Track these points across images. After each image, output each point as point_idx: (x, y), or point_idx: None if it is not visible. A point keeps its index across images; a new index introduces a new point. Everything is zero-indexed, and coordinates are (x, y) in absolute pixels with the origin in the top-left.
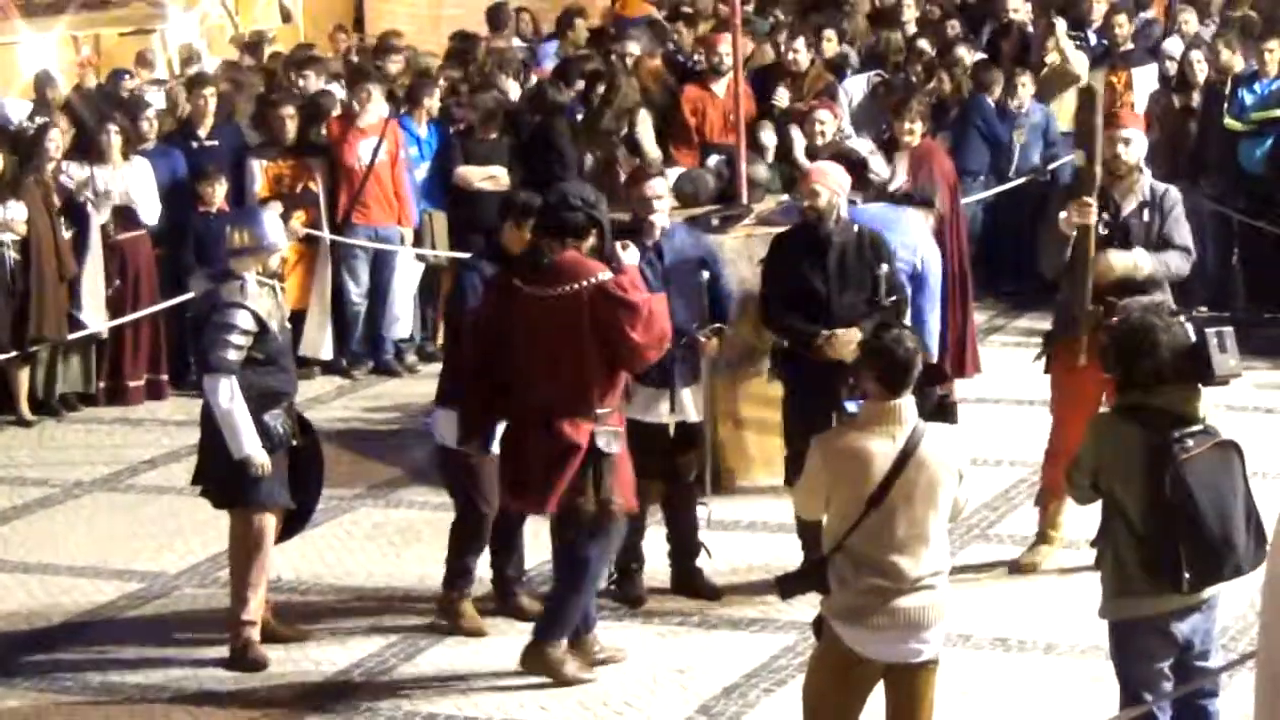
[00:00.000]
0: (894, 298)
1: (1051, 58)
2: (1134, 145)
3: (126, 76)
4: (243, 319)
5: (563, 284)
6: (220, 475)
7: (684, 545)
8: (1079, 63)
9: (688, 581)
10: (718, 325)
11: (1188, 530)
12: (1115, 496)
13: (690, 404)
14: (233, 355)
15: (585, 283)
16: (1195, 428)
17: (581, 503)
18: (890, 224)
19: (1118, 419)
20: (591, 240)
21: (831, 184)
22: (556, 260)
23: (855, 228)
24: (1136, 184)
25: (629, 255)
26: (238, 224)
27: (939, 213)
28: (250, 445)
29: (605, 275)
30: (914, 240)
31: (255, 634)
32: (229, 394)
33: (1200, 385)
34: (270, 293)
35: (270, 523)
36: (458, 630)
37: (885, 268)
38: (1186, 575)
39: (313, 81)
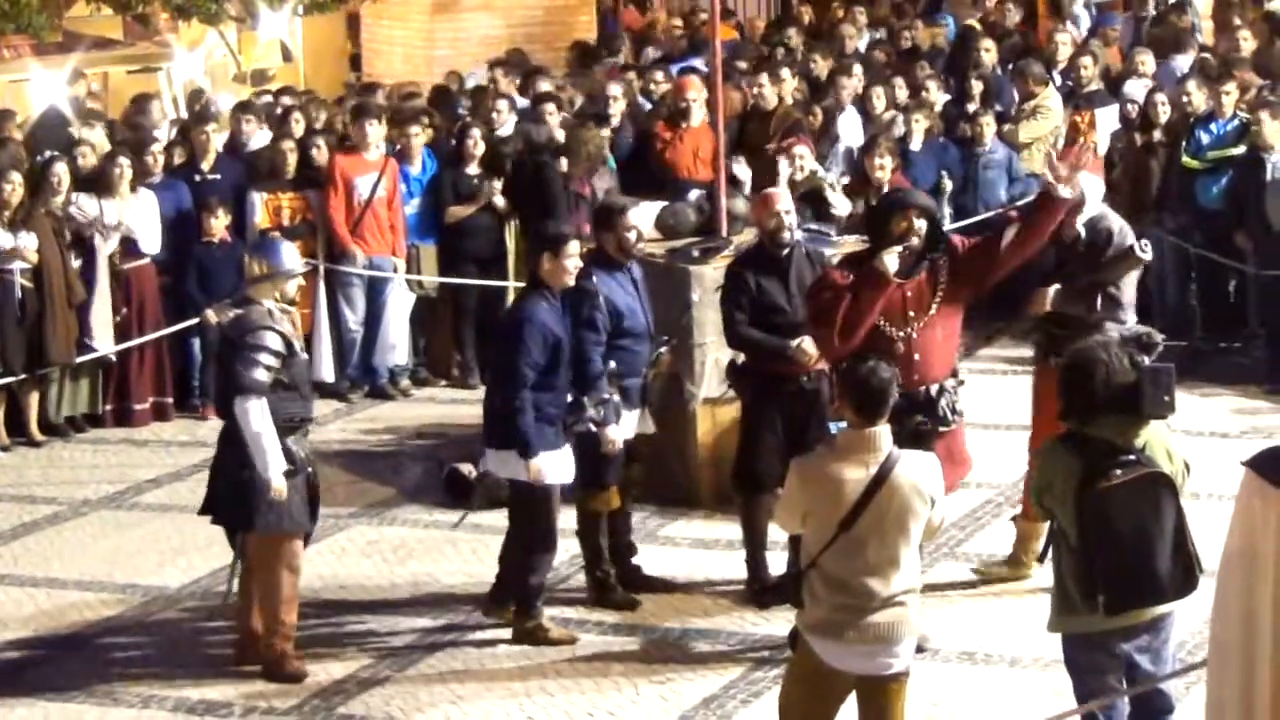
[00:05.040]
0: None
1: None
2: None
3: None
4: (272, 340)
5: None
6: (241, 500)
7: (626, 545)
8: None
9: (633, 578)
10: (665, 338)
11: (1106, 557)
12: (1056, 519)
13: (650, 419)
14: (263, 376)
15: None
16: (1128, 458)
17: None
18: None
19: (1058, 446)
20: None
21: (790, 206)
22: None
23: (802, 248)
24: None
25: (888, 260)
26: (256, 254)
27: None
28: (275, 468)
29: (829, 269)
30: None
31: (290, 647)
32: (260, 415)
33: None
34: (289, 320)
35: (297, 545)
36: (549, 643)
37: None
38: (1101, 599)
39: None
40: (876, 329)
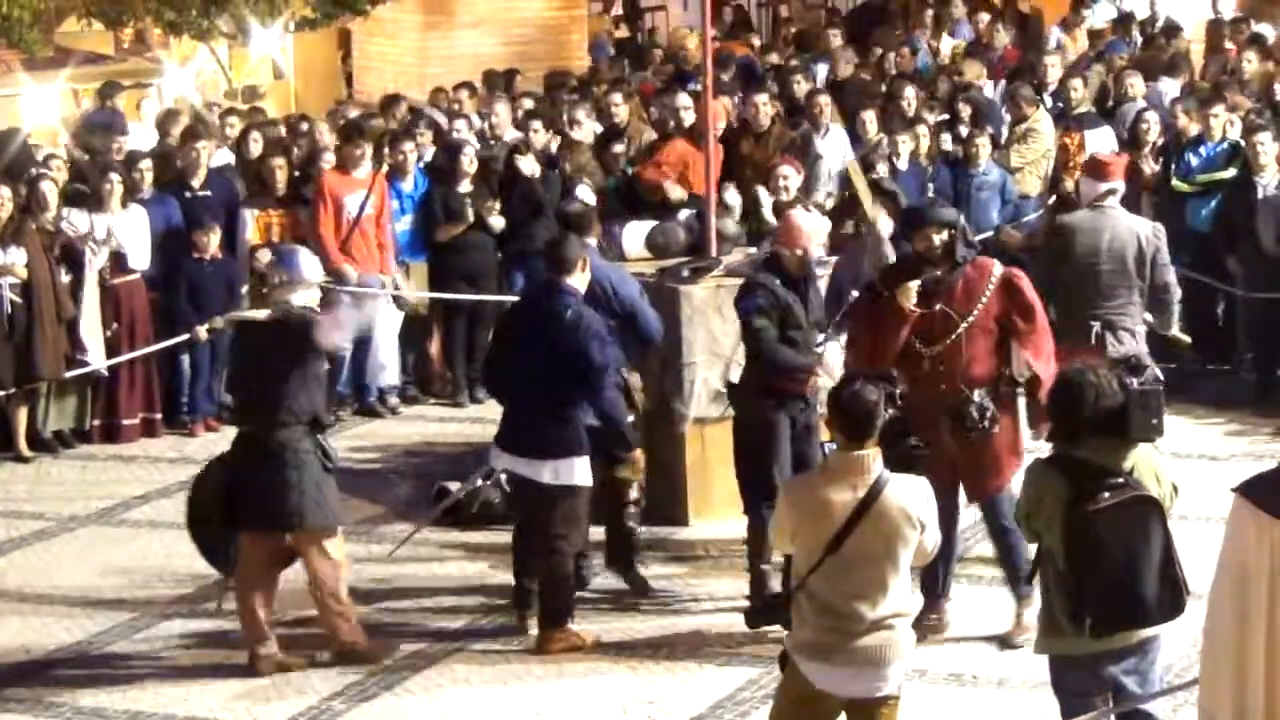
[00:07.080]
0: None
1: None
2: None
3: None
4: None
5: None
6: (284, 499)
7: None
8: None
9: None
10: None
11: (1093, 579)
12: (1043, 540)
13: None
14: None
15: None
16: (1115, 480)
17: None
18: None
19: (1046, 467)
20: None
21: (816, 238)
22: None
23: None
24: None
25: (904, 299)
26: (275, 264)
27: None
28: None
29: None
30: None
31: (347, 627)
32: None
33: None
34: None
35: (337, 539)
36: (583, 649)
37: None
38: (1089, 621)
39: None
40: (907, 345)
